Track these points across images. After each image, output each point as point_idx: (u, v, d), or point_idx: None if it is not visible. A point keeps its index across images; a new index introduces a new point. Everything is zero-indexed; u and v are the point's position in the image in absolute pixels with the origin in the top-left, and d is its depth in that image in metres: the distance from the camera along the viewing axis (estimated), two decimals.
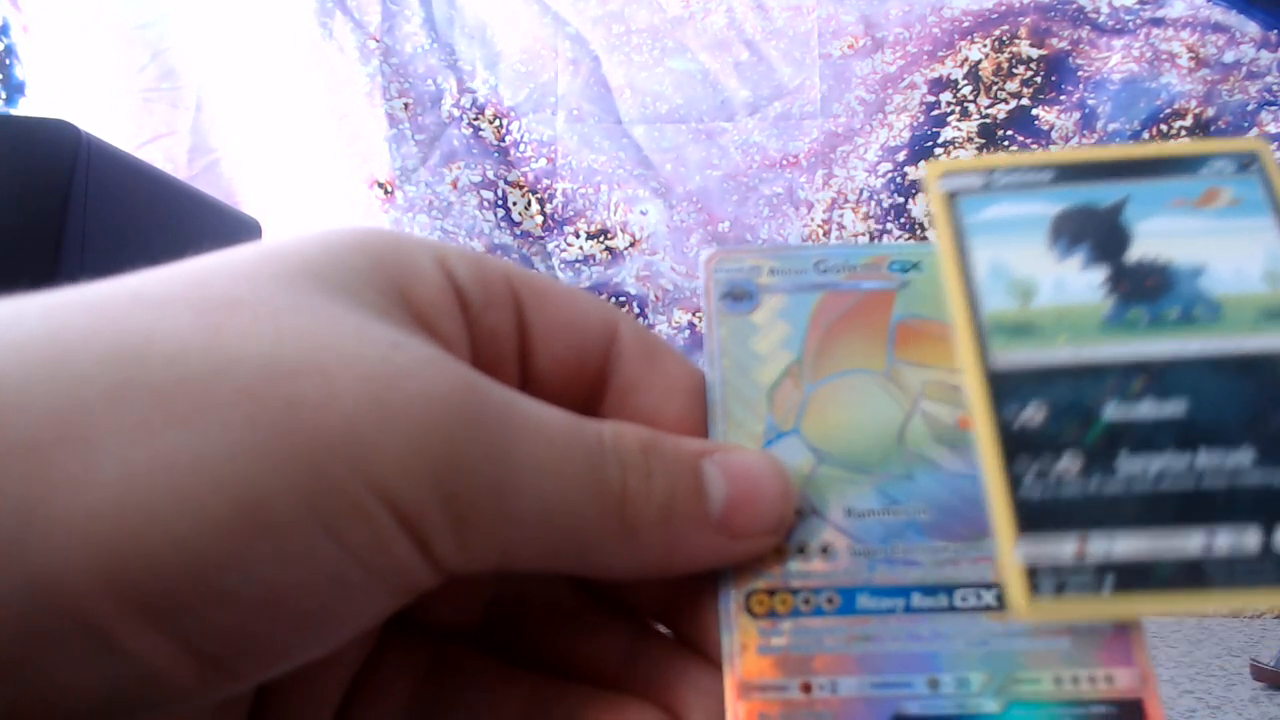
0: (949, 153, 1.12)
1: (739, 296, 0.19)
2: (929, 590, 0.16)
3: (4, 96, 1.24)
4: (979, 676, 0.16)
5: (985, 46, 1.12)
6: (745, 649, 0.16)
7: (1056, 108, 1.09)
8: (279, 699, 0.17)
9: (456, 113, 1.20)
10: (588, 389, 0.17)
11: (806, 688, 0.16)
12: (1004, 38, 1.11)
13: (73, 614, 0.11)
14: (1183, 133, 1.07)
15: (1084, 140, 1.09)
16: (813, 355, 0.18)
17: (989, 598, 0.16)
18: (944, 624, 0.16)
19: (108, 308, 0.12)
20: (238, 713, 0.16)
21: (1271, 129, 1.05)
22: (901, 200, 1.13)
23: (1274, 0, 1.05)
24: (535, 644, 0.18)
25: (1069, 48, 1.10)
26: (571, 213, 1.20)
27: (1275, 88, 1.05)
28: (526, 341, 0.17)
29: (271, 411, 0.12)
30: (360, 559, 0.12)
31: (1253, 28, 1.06)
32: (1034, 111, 1.10)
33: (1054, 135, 1.09)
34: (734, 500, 0.16)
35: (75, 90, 1.23)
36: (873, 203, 1.14)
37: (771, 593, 0.16)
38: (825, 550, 0.16)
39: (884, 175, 1.14)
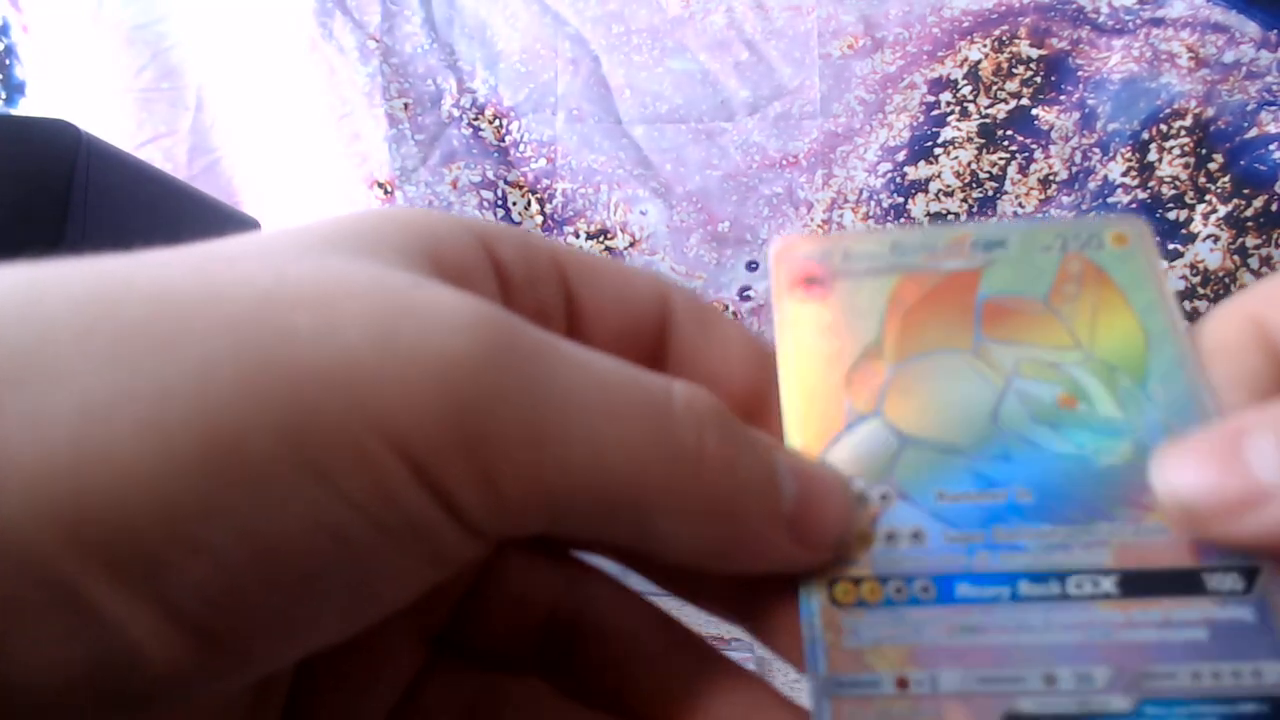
0: (949, 152, 1.12)
1: (811, 283, 0.18)
2: (1038, 577, 0.15)
3: (4, 96, 1.24)
4: (1103, 671, 0.14)
5: (985, 46, 1.12)
6: (831, 642, 0.15)
7: (1056, 108, 1.09)
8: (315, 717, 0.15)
9: (456, 113, 1.20)
10: (645, 362, 0.15)
11: (903, 683, 0.14)
12: (1004, 38, 1.11)
13: (36, 570, 0.09)
14: (1182, 133, 1.07)
15: (1084, 140, 1.09)
16: (893, 337, 0.17)
17: (1108, 585, 0.15)
18: (1058, 613, 0.15)
19: (95, 262, 0.11)
20: None
21: (1271, 129, 1.05)
22: (901, 200, 1.13)
23: (1274, 0, 1.05)
24: (592, 671, 0.17)
25: (1069, 48, 1.10)
26: (571, 213, 1.20)
27: (1275, 88, 1.05)
28: (577, 318, 0.16)
29: (259, 340, 0.10)
30: (365, 511, 0.11)
31: (1253, 28, 1.06)
32: (1034, 111, 1.10)
33: (1054, 135, 1.09)
34: (803, 502, 0.14)
35: (75, 90, 1.23)
36: (873, 203, 1.14)
37: (858, 581, 0.15)
38: (916, 536, 0.15)
39: (884, 175, 1.14)
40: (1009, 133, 1.12)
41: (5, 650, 0.10)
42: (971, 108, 1.12)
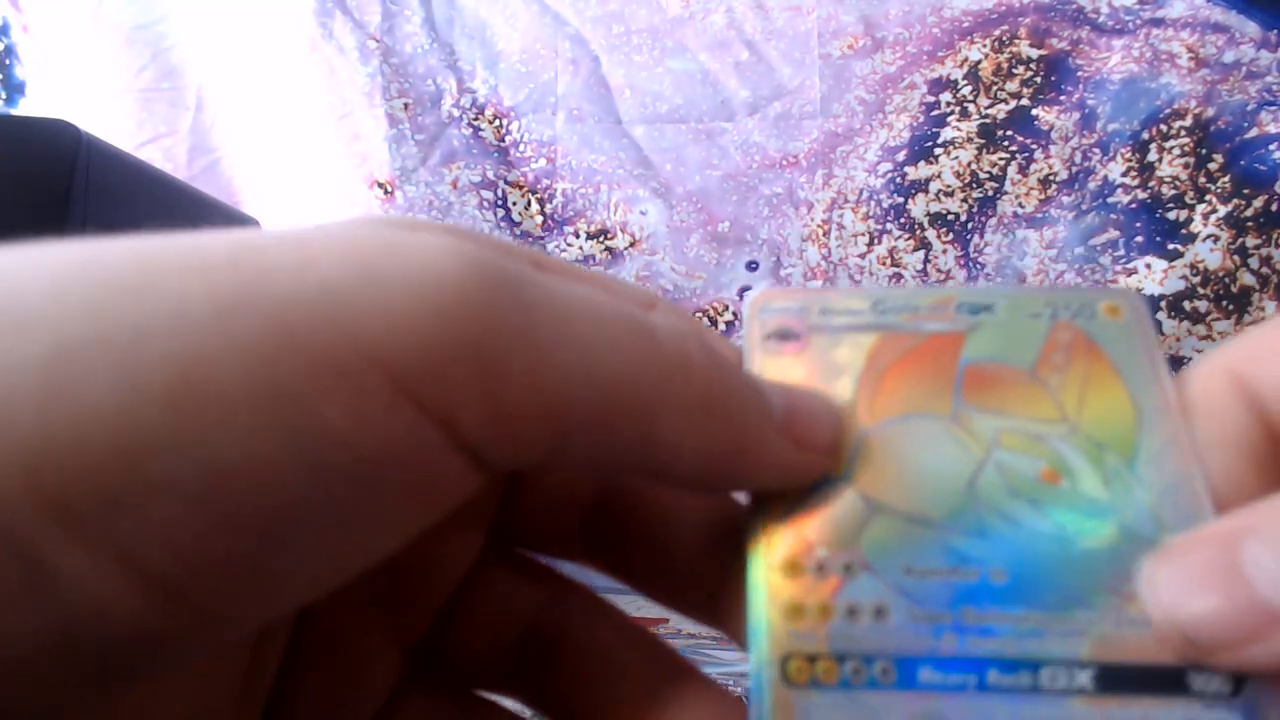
0: (949, 153, 1.12)
1: (785, 336, 0.17)
2: (1008, 666, 0.14)
3: (4, 96, 1.24)
4: None
5: (985, 47, 1.12)
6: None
7: (1056, 108, 1.09)
8: None
9: (456, 113, 1.20)
10: None
11: None
12: (1004, 38, 1.11)
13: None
14: (1182, 133, 1.07)
15: (1084, 140, 1.09)
16: (868, 397, 0.16)
17: (1084, 678, 0.14)
18: (1028, 707, 0.13)
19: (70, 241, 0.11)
20: None
21: (1271, 129, 1.05)
22: (901, 200, 1.13)
23: (1274, 0, 1.05)
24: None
25: (1069, 48, 1.10)
26: (571, 213, 1.20)
27: (1275, 88, 1.05)
28: None
29: (235, 278, 0.10)
30: (342, 436, 0.10)
31: (1253, 28, 1.06)
32: (1034, 111, 1.10)
33: (1054, 135, 1.09)
34: (791, 409, 0.15)
35: (75, 90, 1.23)
36: (872, 203, 1.14)
37: (813, 659, 0.14)
38: (879, 612, 0.14)
39: (884, 175, 1.14)
40: (1009, 133, 1.12)
41: None
42: (971, 108, 1.12)
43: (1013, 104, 1.11)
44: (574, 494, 0.17)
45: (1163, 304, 1.05)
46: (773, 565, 0.15)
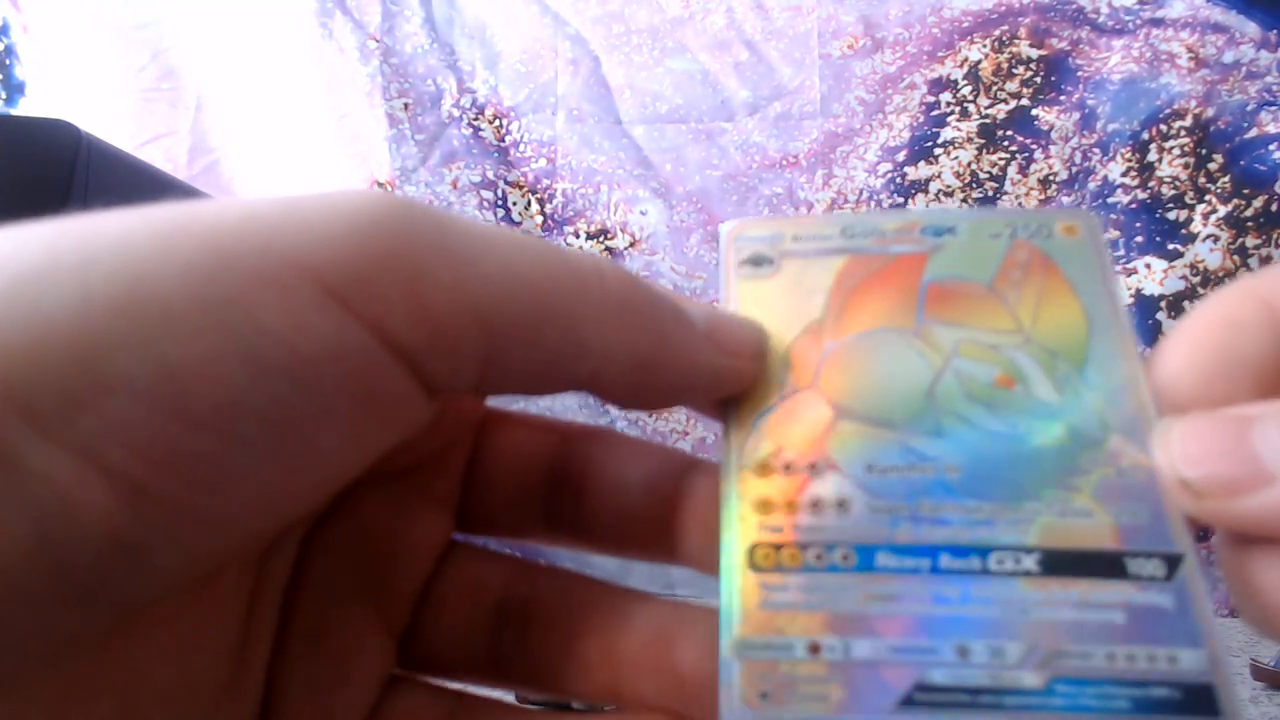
0: (949, 153, 1.12)
1: (758, 262, 0.18)
2: (959, 551, 0.15)
3: (4, 96, 1.24)
4: (1016, 647, 0.14)
5: (985, 47, 1.12)
6: (745, 605, 0.15)
7: (1056, 108, 1.09)
8: None
9: (456, 113, 1.20)
10: None
11: (815, 649, 0.14)
12: (1004, 38, 1.11)
13: None
14: (1182, 133, 1.07)
15: (1084, 140, 1.09)
16: (836, 314, 0.17)
17: (1029, 562, 0.15)
18: (977, 588, 0.15)
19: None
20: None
21: (1271, 129, 1.05)
22: (901, 200, 1.13)
23: (1274, 0, 1.05)
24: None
25: (1069, 48, 1.10)
26: (571, 213, 1.20)
27: (1275, 88, 1.05)
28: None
29: (175, 216, 0.11)
30: (281, 337, 0.11)
31: (1252, 28, 1.06)
32: (1034, 112, 1.10)
33: (1054, 135, 1.09)
34: (713, 320, 0.15)
35: (75, 90, 1.23)
36: (872, 203, 1.14)
37: (778, 547, 0.15)
38: (842, 505, 0.15)
39: (884, 175, 1.14)
40: (1009, 133, 1.12)
41: None
42: (971, 108, 1.12)
43: (1013, 104, 1.11)
44: (529, 470, 0.18)
45: (1163, 304, 1.05)
46: (745, 466, 0.16)
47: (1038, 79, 1.10)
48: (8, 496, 0.10)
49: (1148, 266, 1.07)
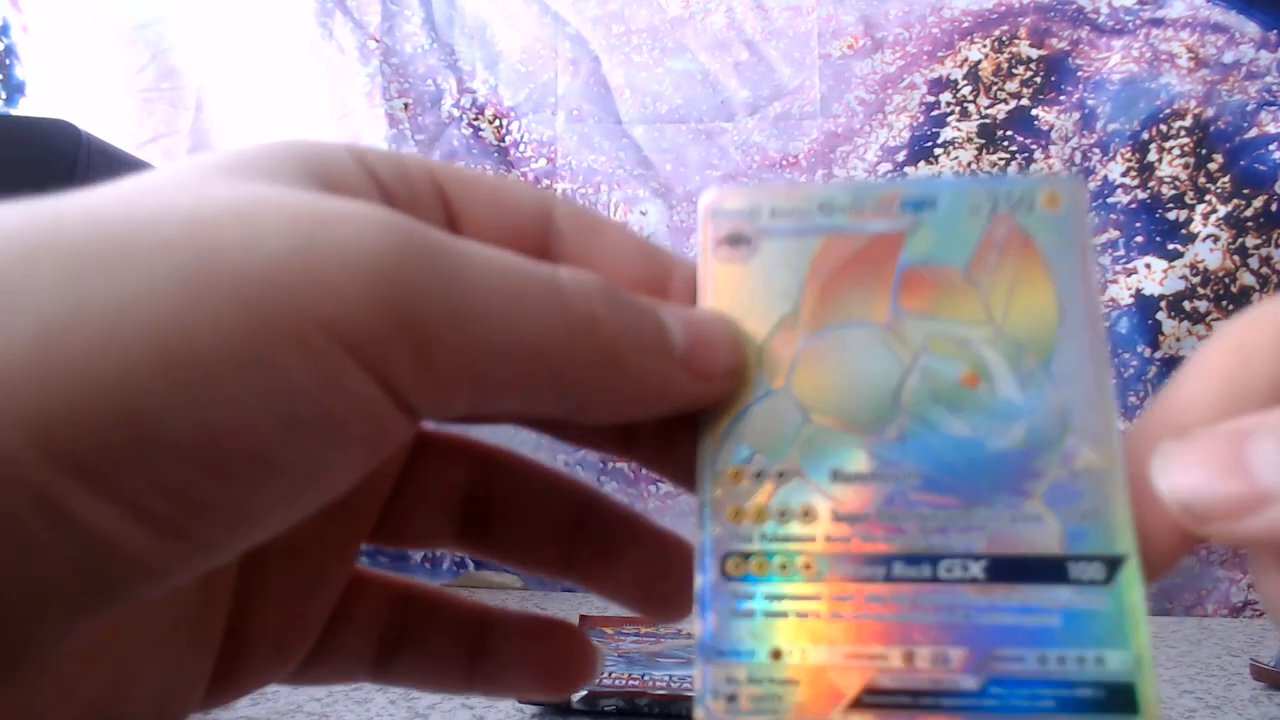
0: (949, 153, 1.12)
1: (735, 242, 0.18)
2: (912, 560, 0.15)
3: (4, 96, 1.24)
4: (958, 652, 0.15)
5: (985, 47, 1.12)
6: (716, 611, 0.16)
7: (1056, 108, 1.09)
8: (257, 634, 0.17)
9: (456, 113, 1.20)
10: None
11: (776, 654, 0.15)
12: (1004, 38, 1.11)
13: (15, 481, 0.10)
14: (1182, 133, 1.07)
15: (1084, 140, 1.09)
16: (810, 306, 0.17)
17: (975, 569, 0.15)
18: (925, 595, 0.15)
19: (10, 206, 0.12)
20: (215, 618, 0.16)
21: (1271, 129, 1.05)
22: None
23: (1274, 0, 1.05)
24: (507, 538, 0.19)
25: (1068, 48, 1.10)
26: None
27: (1275, 88, 1.05)
28: (457, 229, 0.16)
29: (194, 258, 0.11)
30: (312, 396, 0.12)
31: (1252, 28, 1.06)
32: (1034, 112, 1.10)
33: (1054, 135, 1.09)
34: (692, 343, 0.16)
35: (75, 90, 1.23)
36: None
37: (747, 556, 0.16)
38: (806, 514, 0.16)
39: (884, 175, 1.14)
40: (1009, 133, 1.12)
41: None
42: (971, 108, 1.12)
43: (1013, 104, 1.11)
44: (449, 486, 0.20)
45: (1163, 304, 1.05)
46: (717, 474, 0.16)
47: (1038, 79, 1.10)
48: (54, 543, 0.10)
49: (1148, 266, 1.07)
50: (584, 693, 0.59)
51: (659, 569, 0.19)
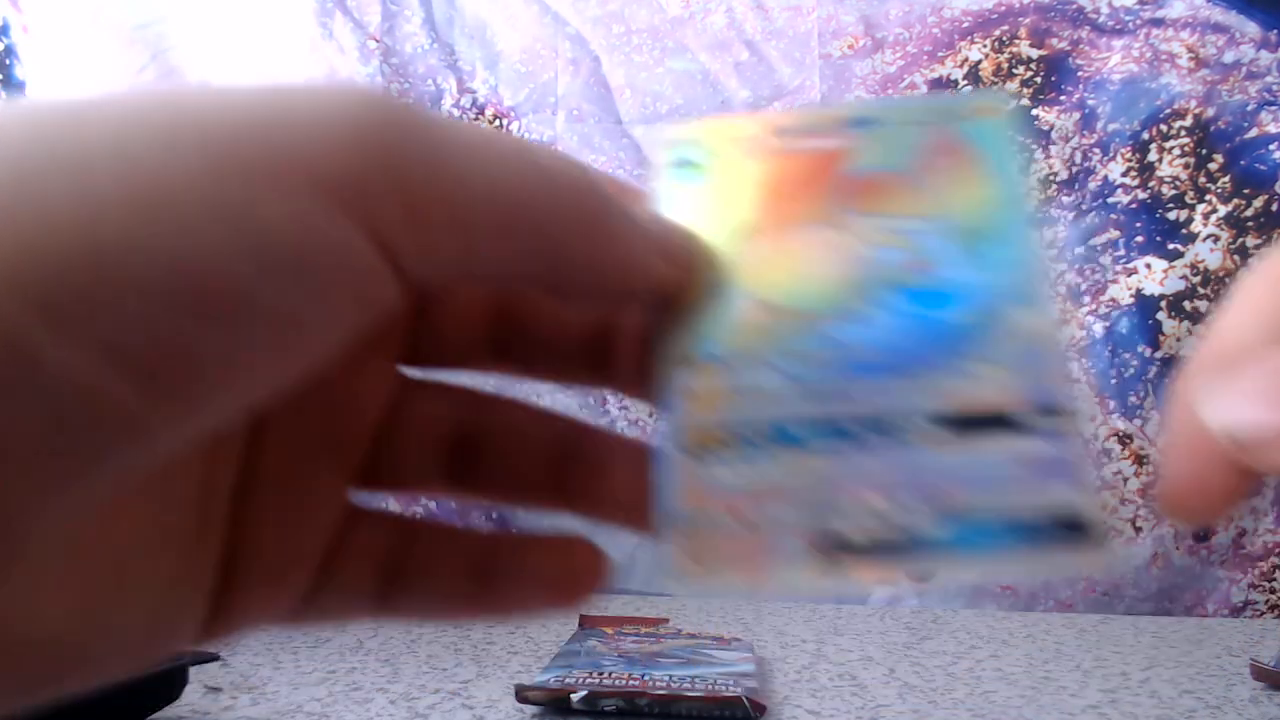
0: None
1: (687, 165, 0.19)
2: (869, 422, 0.16)
3: (4, 96, 1.24)
4: (919, 502, 0.16)
5: (985, 47, 1.12)
6: (678, 483, 0.17)
7: (1056, 108, 1.09)
8: (252, 563, 0.17)
9: (456, 113, 1.20)
10: None
11: (739, 516, 0.16)
12: (1004, 38, 1.11)
13: None
14: (1182, 133, 1.07)
15: (1084, 140, 1.09)
16: (762, 215, 0.18)
17: (926, 424, 0.16)
18: (883, 453, 0.16)
19: None
20: (215, 523, 0.16)
21: (1271, 129, 1.05)
22: None
23: (1274, 0, 1.05)
24: (495, 476, 0.20)
25: (1069, 48, 1.10)
26: None
27: (1275, 88, 1.05)
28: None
29: (168, 113, 0.12)
30: (285, 237, 0.12)
31: (1253, 28, 1.06)
32: (1034, 112, 1.10)
33: (1054, 135, 1.09)
34: (665, 231, 0.17)
35: (75, 90, 1.23)
36: None
37: (707, 431, 0.17)
38: (762, 390, 0.17)
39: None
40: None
41: None
42: None
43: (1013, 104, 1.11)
44: (436, 423, 0.20)
45: (1163, 304, 1.05)
46: (679, 359, 0.18)
47: (1038, 79, 1.10)
48: (28, 391, 0.10)
49: (1148, 266, 1.07)
50: (584, 693, 0.60)
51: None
